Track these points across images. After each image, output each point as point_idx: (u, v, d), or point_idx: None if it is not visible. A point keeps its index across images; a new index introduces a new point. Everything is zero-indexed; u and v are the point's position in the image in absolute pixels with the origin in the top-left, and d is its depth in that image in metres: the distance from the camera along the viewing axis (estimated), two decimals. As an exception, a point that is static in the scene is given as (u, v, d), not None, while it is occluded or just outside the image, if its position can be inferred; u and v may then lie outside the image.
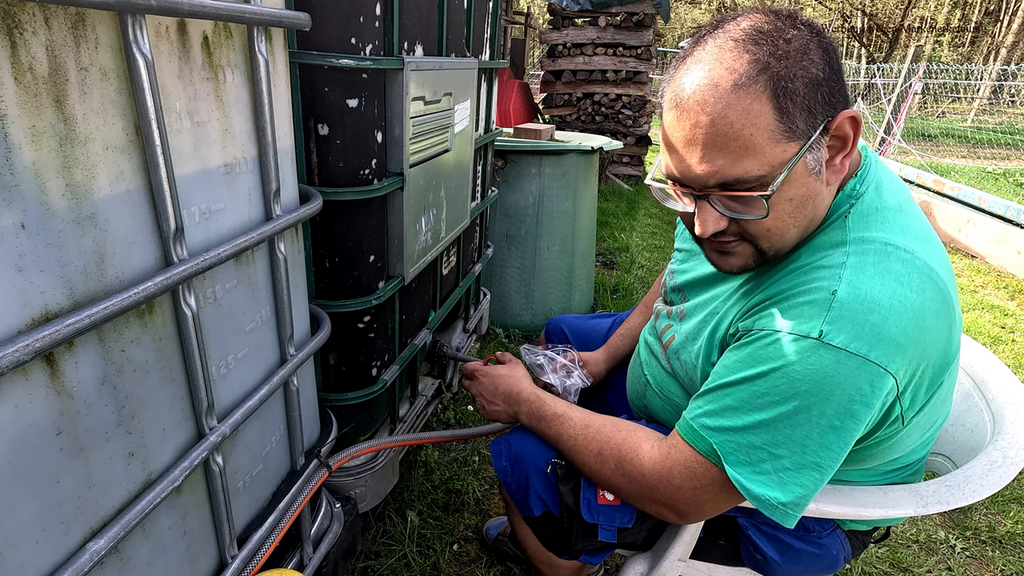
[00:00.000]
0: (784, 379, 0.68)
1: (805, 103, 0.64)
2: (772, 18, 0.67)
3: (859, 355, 0.65)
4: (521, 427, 1.10)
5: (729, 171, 0.67)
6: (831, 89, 0.66)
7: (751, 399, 0.70)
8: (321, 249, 1.17)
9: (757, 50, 0.64)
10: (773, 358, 0.69)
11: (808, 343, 0.67)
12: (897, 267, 0.68)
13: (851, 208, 0.74)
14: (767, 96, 0.63)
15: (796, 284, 0.72)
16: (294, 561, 1.09)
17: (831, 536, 0.94)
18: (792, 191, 0.69)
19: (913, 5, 20.23)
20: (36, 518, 0.55)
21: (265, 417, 0.93)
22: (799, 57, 0.64)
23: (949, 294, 0.70)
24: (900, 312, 0.65)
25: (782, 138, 0.65)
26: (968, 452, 1.00)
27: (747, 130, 0.64)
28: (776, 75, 0.63)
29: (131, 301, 0.57)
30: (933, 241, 0.73)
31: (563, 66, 5.55)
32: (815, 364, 0.66)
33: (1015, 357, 2.92)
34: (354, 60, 1.03)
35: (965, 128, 10.16)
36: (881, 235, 0.71)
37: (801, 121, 0.65)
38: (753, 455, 0.70)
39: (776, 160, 0.66)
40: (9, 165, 0.46)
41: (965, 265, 4.43)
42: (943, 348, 0.70)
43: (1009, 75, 8.80)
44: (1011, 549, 1.71)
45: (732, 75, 0.64)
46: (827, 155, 0.69)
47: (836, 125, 0.67)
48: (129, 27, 0.53)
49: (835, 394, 0.66)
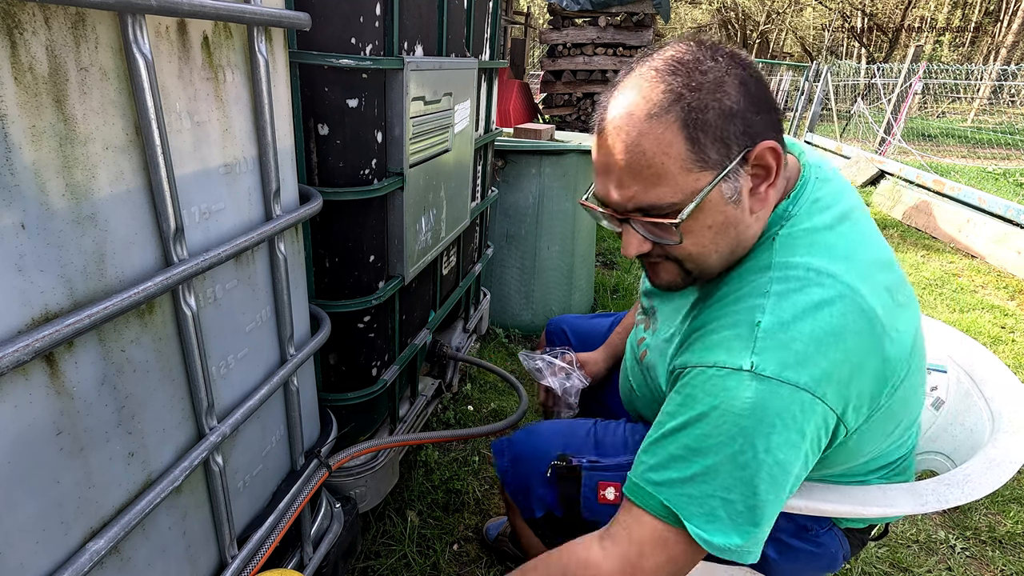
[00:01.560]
0: (724, 418, 0.67)
1: (718, 134, 0.66)
2: (694, 49, 0.68)
3: (790, 383, 0.65)
4: (523, 428, 1.10)
5: (643, 197, 0.69)
6: (748, 120, 0.67)
7: (695, 444, 0.69)
8: (321, 249, 1.17)
9: (673, 80, 0.66)
10: (709, 395, 0.68)
11: (740, 376, 0.66)
12: (818, 293, 0.68)
13: (779, 230, 0.74)
14: (679, 126, 0.65)
15: (722, 315, 0.72)
16: (294, 561, 1.09)
17: (829, 534, 0.95)
18: (709, 219, 0.70)
19: (913, 5, 20.23)
20: (36, 518, 0.55)
21: (265, 417, 0.93)
22: (713, 89, 0.65)
23: (875, 314, 0.68)
24: (823, 339, 0.66)
25: (694, 167, 0.66)
26: (967, 451, 1.00)
27: (659, 158, 0.66)
28: (688, 106, 0.65)
29: (131, 301, 0.57)
30: (862, 258, 0.72)
31: (563, 66, 5.55)
32: (751, 397, 0.66)
33: (1015, 357, 2.92)
34: (354, 60, 1.03)
35: (965, 128, 10.16)
36: (805, 260, 0.70)
37: (714, 151, 0.66)
38: (707, 504, 0.68)
39: (689, 188, 0.67)
40: (9, 165, 0.46)
41: (965, 265, 4.43)
42: (876, 367, 0.70)
43: (1009, 75, 8.80)
44: (1011, 549, 1.71)
45: (647, 104, 0.66)
46: (750, 184, 0.70)
47: (755, 156, 0.68)
48: (129, 27, 0.53)
49: (775, 426, 0.65)
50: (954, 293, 3.77)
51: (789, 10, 22.81)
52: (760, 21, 23.48)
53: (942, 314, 3.45)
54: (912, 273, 4.12)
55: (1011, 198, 4.91)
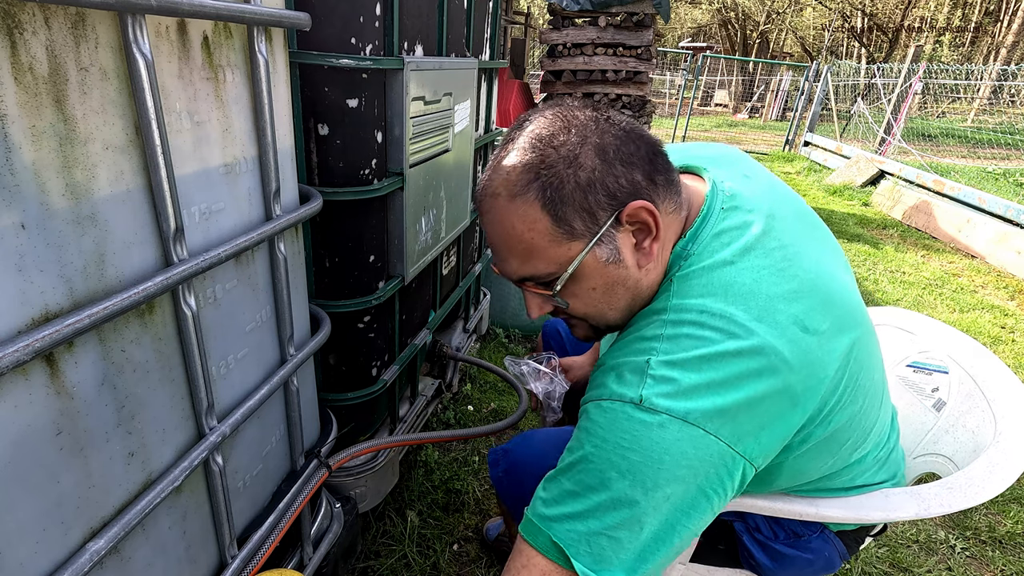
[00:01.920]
0: (613, 452, 0.66)
1: (579, 205, 0.67)
2: (551, 121, 0.69)
3: (679, 418, 0.64)
4: (518, 435, 1.10)
5: (523, 270, 0.72)
6: (611, 185, 0.67)
7: (587, 479, 0.67)
8: (321, 249, 1.17)
9: (530, 159, 0.67)
10: (601, 428, 0.67)
11: (630, 409, 0.65)
12: (711, 335, 0.66)
13: (676, 272, 0.73)
14: (539, 204, 0.67)
15: (617, 354, 0.72)
16: (294, 561, 1.09)
17: (820, 538, 0.95)
18: (591, 282, 0.72)
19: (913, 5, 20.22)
20: (36, 518, 0.55)
21: (265, 417, 0.93)
22: (567, 164, 0.66)
23: (774, 352, 0.66)
24: (714, 379, 0.64)
25: (562, 239, 0.68)
26: (969, 453, 1.00)
27: (527, 235, 0.69)
28: (545, 183, 0.66)
29: (131, 301, 0.57)
30: (764, 293, 0.68)
31: (563, 66, 5.55)
32: (638, 431, 0.64)
33: (1015, 357, 2.92)
34: (354, 60, 1.03)
35: (965, 128, 10.15)
36: (699, 301, 0.69)
37: (578, 222, 0.67)
38: (595, 543, 0.66)
39: (562, 258, 0.70)
40: (9, 165, 0.46)
41: (965, 265, 4.43)
42: (779, 406, 0.67)
43: (1009, 75, 8.79)
44: (1011, 549, 1.71)
45: (509, 184, 0.68)
46: (632, 240, 0.71)
47: (627, 216, 0.68)
48: (129, 27, 0.53)
49: (663, 461, 0.64)
50: (954, 293, 3.77)
51: (789, 10, 22.79)
52: (760, 21, 23.47)
53: (942, 314, 3.45)
54: (912, 273, 4.12)
55: (1011, 198, 4.91)
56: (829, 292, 0.72)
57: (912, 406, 1.18)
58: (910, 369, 1.21)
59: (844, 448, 0.81)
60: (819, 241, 0.81)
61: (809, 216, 0.85)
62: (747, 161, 0.91)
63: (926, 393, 1.17)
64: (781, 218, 0.77)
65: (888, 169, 6.49)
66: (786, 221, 0.77)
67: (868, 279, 3.93)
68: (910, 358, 1.22)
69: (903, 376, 1.21)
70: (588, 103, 0.72)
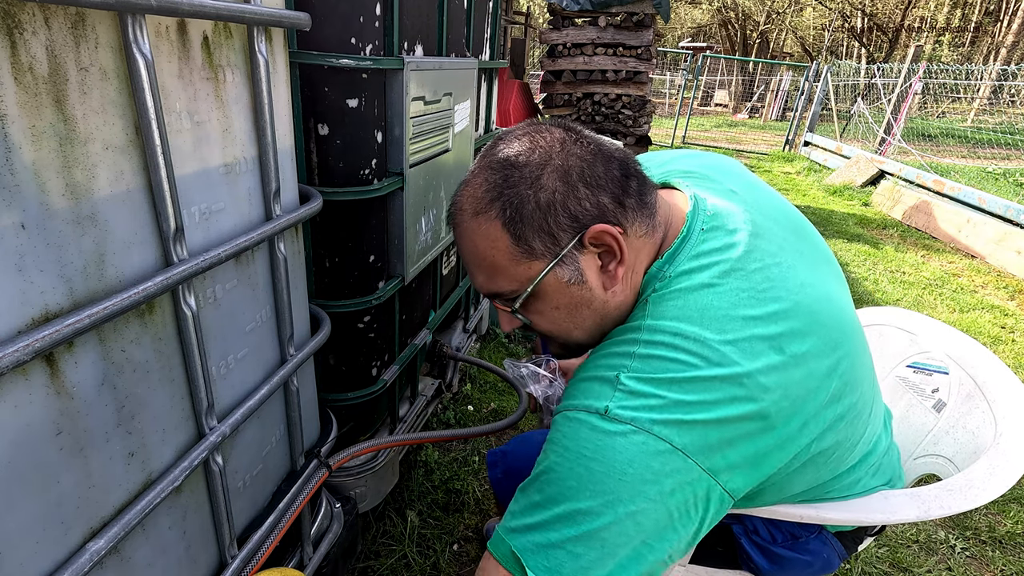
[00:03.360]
0: (577, 462, 0.64)
1: (539, 226, 0.68)
2: (519, 142, 0.70)
3: (643, 429, 0.62)
4: (516, 437, 1.11)
5: (490, 286, 0.73)
6: (573, 208, 0.68)
7: (550, 490, 0.66)
8: (321, 249, 1.17)
9: (495, 178, 0.69)
10: (567, 438, 0.66)
11: (595, 419, 0.64)
12: (683, 358, 0.65)
13: (651, 293, 0.72)
14: (500, 223, 0.68)
15: (590, 367, 0.72)
16: (294, 561, 1.09)
17: (818, 540, 0.95)
18: (553, 301, 0.73)
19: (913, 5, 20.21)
20: (36, 518, 0.55)
21: (265, 417, 0.93)
22: (528, 184, 0.67)
23: (748, 379, 0.64)
24: (684, 399, 0.63)
25: (522, 258, 0.69)
26: (969, 454, 1.00)
27: (489, 252, 0.70)
28: (506, 202, 0.67)
29: (131, 301, 0.57)
30: (740, 316, 0.67)
31: (563, 66, 5.55)
32: (602, 442, 0.63)
33: (1015, 357, 2.92)
34: (354, 60, 1.03)
35: (965, 128, 10.15)
36: (673, 324, 0.67)
37: (538, 242, 0.68)
38: (553, 557, 0.63)
39: (523, 277, 0.71)
40: (9, 165, 0.46)
41: (965, 265, 4.43)
42: (754, 429, 0.65)
43: (1009, 75, 8.79)
44: (1011, 549, 1.71)
45: (474, 201, 0.70)
46: (598, 262, 0.71)
47: (591, 238, 0.68)
48: (129, 27, 0.53)
49: (626, 474, 0.62)
50: (954, 293, 3.77)
51: (789, 10, 22.79)
52: (760, 21, 23.47)
53: (942, 314, 3.45)
54: (912, 273, 4.12)
55: (1011, 198, 4.91)
56: (813, 311, 0.71)
57: (912, 407, 1.18)
58: (910, 370, 1.21)
59: (829, 464, 0.79)
60: (808, 254, 0.79)
61: (800, 228, 0.83)
62: (736, 172, 0.89)
63: (926, 394, 1.17)
64: (767, 236, 0.75)
65: (888, 169, 6.49)
66: (772, 238, 0.75)
67: (868, 279, 3.93)
68: (910, 358, 1.22)
69: (903, 376, 1.21)
70: (561, 123, 0.73)
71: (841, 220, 5.47)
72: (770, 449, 0.68)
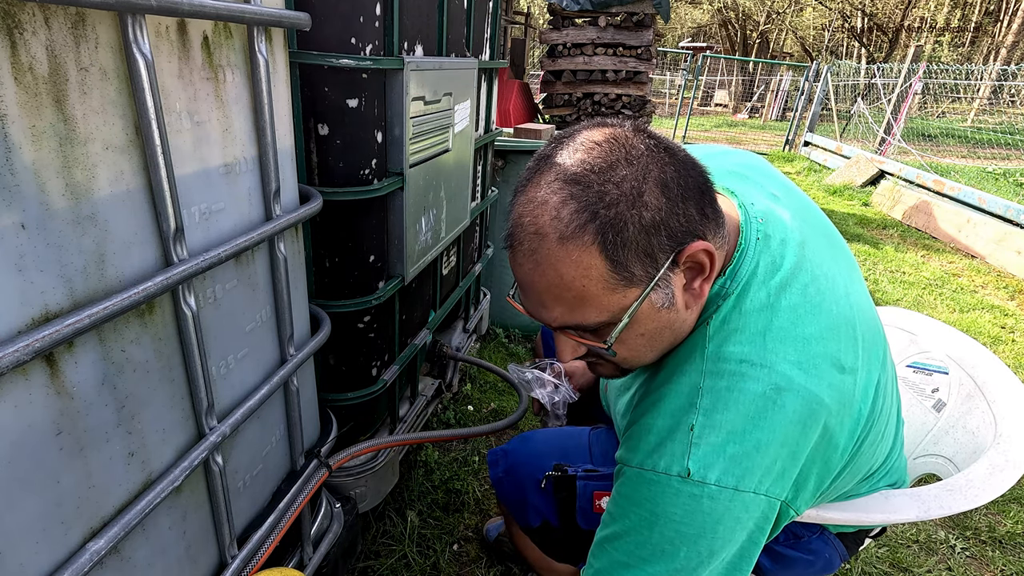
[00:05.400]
0: (665, 526, 0.65)
1: (641, 249, 0.60)
2: (607, 149, 0.60)
3: (727, 487, 0.63)
4: (518, 436, 1.10)
5: (568, 318, 0.64)
6: (673, 225, 0.60)
7: (637, 551, 0.67)
8: (321, 249, 1.17)
9: (584, 195, 0.58)
10: (648, 500, 0.66)
11: (678, 482, 0.64)
12: (753, 389, 0.64)
13: (714, 313, 0.69)
14: (596, 248, 0.58)
15: (658, 413, 0.69)
16: (294, 561, 1.09)
17: (820, 539, 0.95)
18: (641, 328, 0.66)
19: (913, 5, 20.21)
20: (36, 518, 0.55)
21: (265, 417, 0.93)
22: (631, 203, 0.58)
23: (815, 399, 0.65)
24: (759, 437, 0.63)
25: (619, 286, 0.61)
26: (970, 454, 1.00)
27: (578, 282, 0.60)
28: (604, 225, 0.58)
29: (131, 301, 0.57)
30: (802, 335, 0.66)
31: (563, 66, 5.55)
32: (688, 504, 0.64)
33: (1015, 357, 2.92)
34: (354, 60, 1.02)
35: (965, 128, 10.14)
36: (737, 349, 0.66)
37: (638, 267, 0.60)
38: None
39: (616, 306, 0.63)
40: (9, 165, 0.46)
41: (965, 265, 4.43)
42: (821, 452, 0.67)
43: (1009, 75, 8.79)
44: (1011, 549, 1.71)
45: (558, 225, 0.59)
46: (683, 281, 0.65)
47: (686, 257, 0.62)
48: (129, 27, 0.53)
49: (716, 531, 0.64)
50: (954, 293, 3.77)
51: (789, 10, 22.79)
52: (760, 21, 23.47)
53: (942, 314, 3.45)
54: (912, 273, 4.12)
55: (1011, 198, 4.91)
56: (856, 323, 0.71)
57: (912, 407, 1.18)
58: (910, 369, 1.21)
59: (861, 471, 0.81)
60: (841, 261, 0.79)
61: (831, 233, 0.83)
62: (771, 173, 0.87)
63: (926, 394, 1.17)
64: (811, 244, 0.74)
65: (888, 169, 6.49)
66: (816, 247, 0.74)
67: (868, 279, 3.93)
68: (910, 358, 1.22)
69: (903, 376, 1.21)
70: (636, 124, 0.65)
71: (841, 220, 5.47)
72: (836, 466, 0.71)
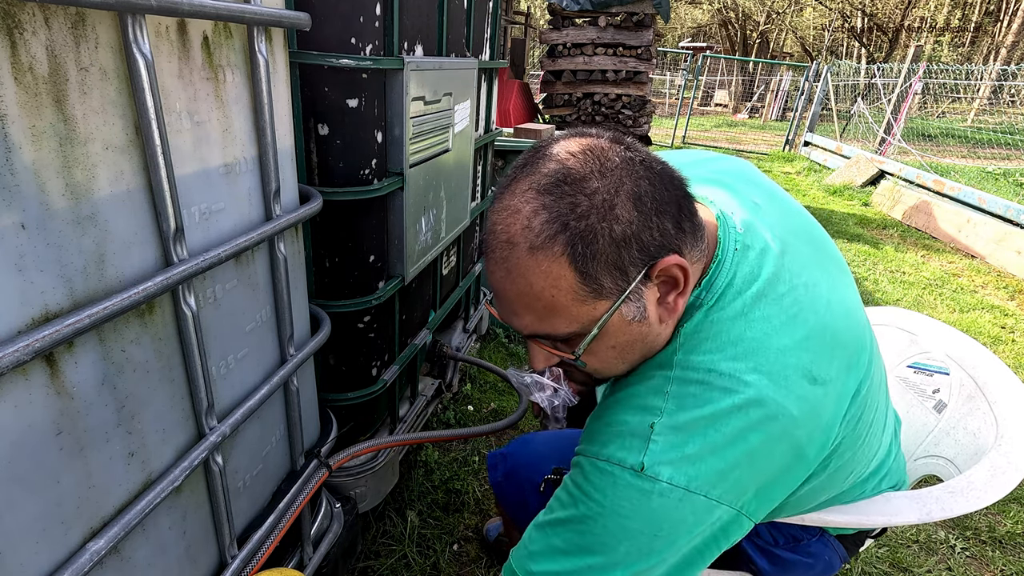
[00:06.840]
0: (611, 518, 0.64)
1: (611, 261, 0.59)
2: (582, 160, 0.60)
3: (680, 487, 0.62)
4: (517, 439, 1.10)
5: (539, 327, 0.65)
6: (645, 238, 0.60)
7: (578, 540, 0.66)
8: (321, 249, 1.17)
9: (556, 205, 0.58)
10: (598, 491, 0.65)
11: (630, 475, 0.64)
12: (718, 398, 0.64)
13: (686, 322, 0.69)
14: (566, 259, 0.58)
15: (620, 408, 0.69)
16: (294, 561, 1.09)
17: (819, 542, 0.95)
18: (612, 340, 0.66)
19: (913, 5, 20.20)
20: (36, 518, 0.54)
21: (265, 417, 0.93)
22: (602, 215, 0.58)
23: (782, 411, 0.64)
24: (718, 442, 0.63)
25: (588, 298, 0.61)
26: (970, 455, 1.00)
27: (548, 292, 0.60)
28: (575, 236, 0.58)
29: (131, 301, 0.57)
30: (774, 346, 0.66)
31: (563, 66, 5.55)
32: (638, 499, 0.63)
33: (1015, 357, 2.92)
34: (354, 60, 1.02)
35: (965, 128, 10.14)
36: (707, 359, 0.66)
37: (608, 280, 0.60)
38: None
39: (585, 318, 0.63)
40: (9, 165, 0.46)
41: (965, 265, 4.43)
42: (785, 462, 0.66)
43: (1009, 75, 8.79)
44: (1011, 549, 1.71)
45: (528, 235, 0.59)
46: (656, 294, 0.65)
47: (659, 271, 0.62)
48: (129, 27, 0.53)
49: (661, 528, 0.63)
50: (954, 293, 3.77)
51: (789, 10, 22.78)
52: (760, 21, 23.46)
53: (942, 314, 3.45)
54: (912, 273, 4.12)
55: (1011, 198, 4.91)
56: (838, 331, 0.70)
57: (913, 408, 1.18)
58: (911, 370, 1.21)
59: (848, 479, 0.81)
60: (826, 265, 0.78)
61: (817, 238, 0.82)
62: (754, 180, 0.87)
63: (927, 394, 1.17)
64: (792, 253, 0.74)
65: (888, 169, 6.49)
66: (796, 255, 0.74)
67: (868, 279, 3.93)
68: (911, 359, 1.22)
69: (903, 377, 1.21)
70: (614, 135, 0.65)
71: (841, 220, 5.47)
72: (800, 478, 0.69)
